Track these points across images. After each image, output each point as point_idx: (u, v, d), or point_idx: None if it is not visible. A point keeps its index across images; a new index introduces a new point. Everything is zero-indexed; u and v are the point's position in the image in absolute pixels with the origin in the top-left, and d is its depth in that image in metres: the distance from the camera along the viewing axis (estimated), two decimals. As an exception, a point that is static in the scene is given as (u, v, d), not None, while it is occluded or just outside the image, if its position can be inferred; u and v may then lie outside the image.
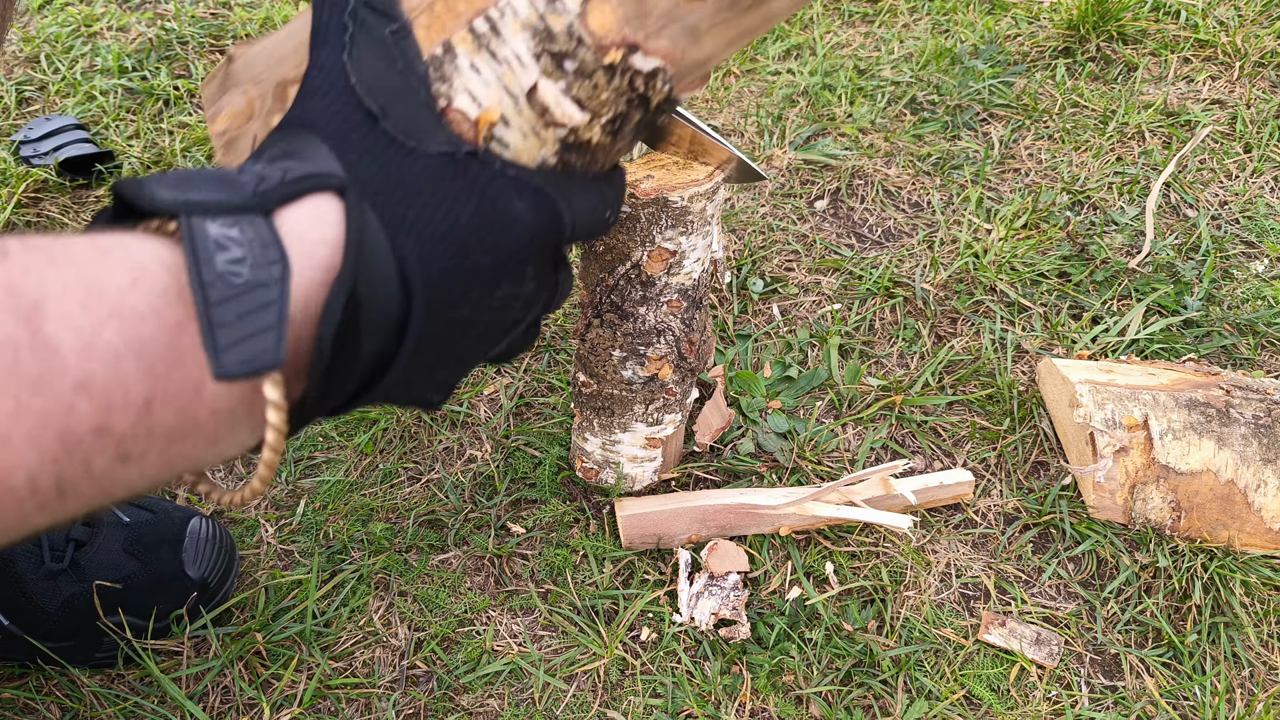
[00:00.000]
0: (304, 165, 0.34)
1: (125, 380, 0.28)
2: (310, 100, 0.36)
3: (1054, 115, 1.27)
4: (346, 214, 0.33)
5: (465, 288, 0.36)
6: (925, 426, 0.93)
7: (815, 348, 1.00)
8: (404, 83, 0.36)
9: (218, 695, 0.74)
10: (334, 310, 0.31)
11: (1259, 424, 0.82)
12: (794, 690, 0.74)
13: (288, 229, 0.32)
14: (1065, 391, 0.88)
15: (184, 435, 0.30)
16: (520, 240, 0.37)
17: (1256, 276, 1.07)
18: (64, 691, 0.73)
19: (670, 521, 0.80)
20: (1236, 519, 0.82)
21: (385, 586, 0.80)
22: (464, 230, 0.36)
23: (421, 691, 0.74)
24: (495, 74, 0.36)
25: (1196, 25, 1.38)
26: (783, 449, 0.89)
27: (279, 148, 0.36)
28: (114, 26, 1.41)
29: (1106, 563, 0.83)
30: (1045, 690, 0.75)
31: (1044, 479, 0.89)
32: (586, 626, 0.78)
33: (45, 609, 0.71)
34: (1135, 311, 1.01)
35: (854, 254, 1.10)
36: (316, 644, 0.76)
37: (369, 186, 0.35)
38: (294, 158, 0.35)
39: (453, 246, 0.35)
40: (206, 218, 0.30)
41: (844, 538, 0.83)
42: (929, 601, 0.80)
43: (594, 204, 0.41)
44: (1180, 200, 1.16)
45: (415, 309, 0.34)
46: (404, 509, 0.85)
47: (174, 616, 0.75)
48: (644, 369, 0.75)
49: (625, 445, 0.81)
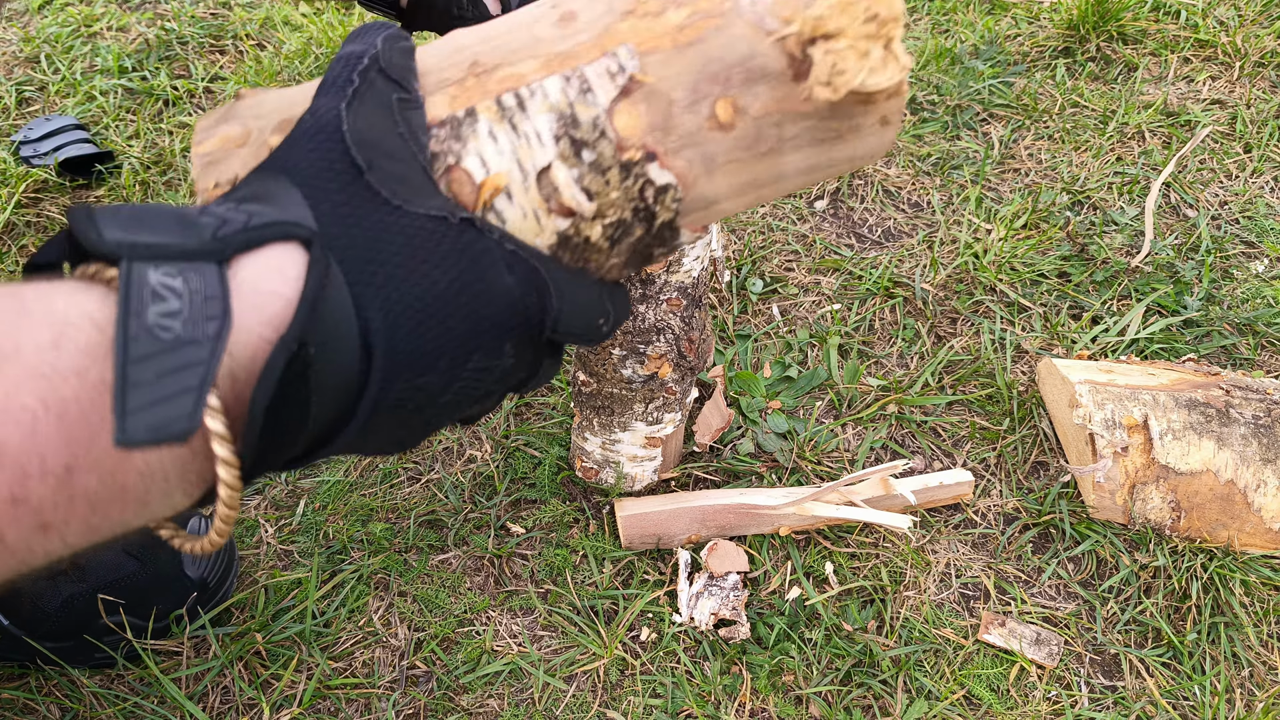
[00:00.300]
0: (271, 211, 0.32)
1: (42, 447, 0.26)
2: (296, 144, 0.34)
3: (1054, 115, 1.27)
4: (308, 268, 0.31)
5: (434, 356, 0.34)
6: (925, 426, 0.93)
7: (815, 348, 1.00)
8: (401, 143, 0.34)
9: (217, 695, 0.74)
10: (270, 372, 0.29)
11: (1259, 424, 0.82)
12: (794, 690, 0.74)
13: (241, 279, 0.30)
14: (1065, 391, 0.88)
15: (110, 500, 0.29)
16: (501, 314, 0.35)
17: (1256, 276, 1.07)
18: (64, 692, 0.73)
19: (670, 521, 0.80)
20: (1236, 519, 0.82)
21: (385, 587, 0.80)
22: (441, 296, 0.34)
23: (421, 691, 0.74)
24: (511, 145, 0.36)
25: (1196, 25, 1.38)
26: (782, 449, 0.89)
27: (250, 189, 0.34)
28: (114, 27, 1.41)
29: (1106, 563, 0.83)
30: (1045, 690, 0.75)
31: (1044, 479, 0.89)
32: (586, 627, 0.78)
33: (45, 609, 0.71)
34: (1135, 311, 1.01)
35: (854, 254, 1.10)
36: (316, 644, 0.76)
37: (339, 240, 0.32)
38: (263, 201, 0.32)
39: (425, 312, 0.33)
40: (151, 263, 0.28)
41: (844, 538, 0.83)
42: (929, 601, 0.80)
43: (588, 302, 0.39)
44: (1180, 200, 1.16)
45: (374, 375, 0.32)
46: (404, 509, 0.85)
47: (174, 616, 0.75)
48: (644, 367, 0.75)
49: (625, 445, 0.81)
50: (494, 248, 0.35)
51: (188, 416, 0.27)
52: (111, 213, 0.29)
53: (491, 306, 0.35)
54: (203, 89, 1.30)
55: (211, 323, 0.28)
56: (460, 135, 0.36)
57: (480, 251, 0.34)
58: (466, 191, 0.35)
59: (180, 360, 0.27)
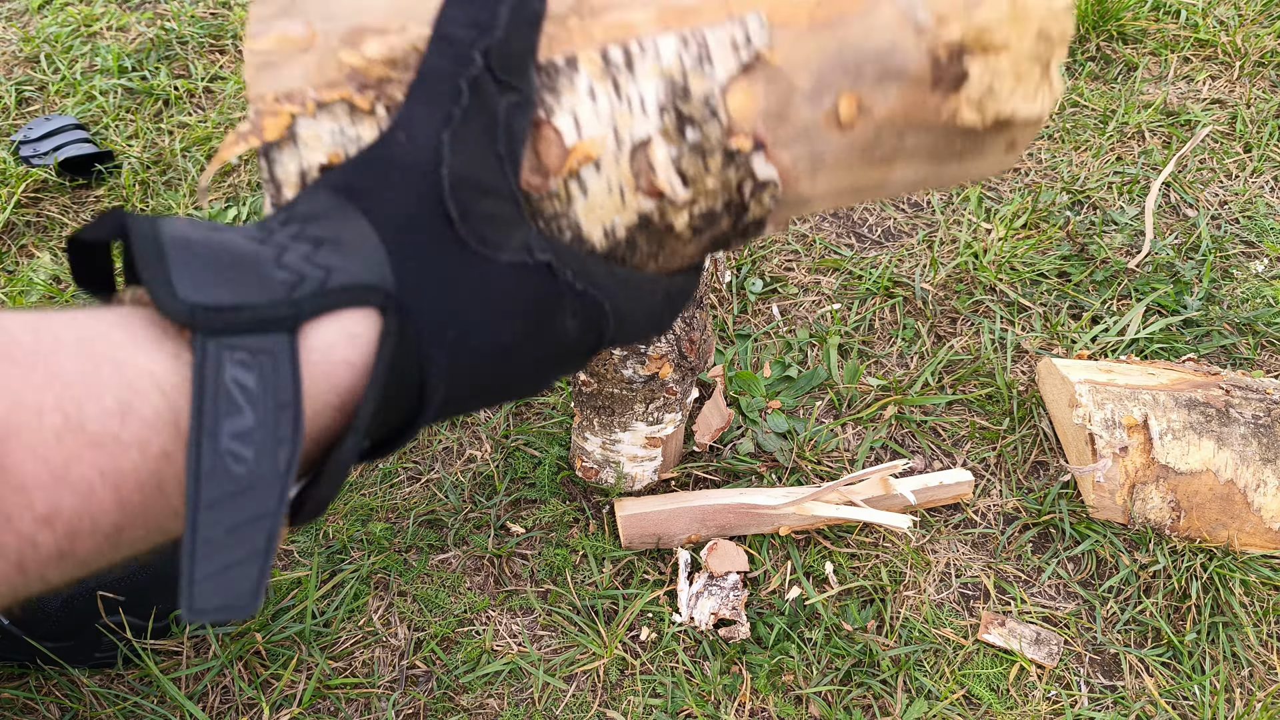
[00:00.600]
0: (349, 267, 0.29)
1: (96, 511, 0.26)
2: (383, 173, 0.31)
3: (1054, 114, 1.27)
4: (381, 341, 0.30)
5: (481, 395, 0.34)
6: (925, 426, 0.93)
7: (815, 347, 1.00)
8: (498, 172, 0.32)
9: (217, 695, 0.74)
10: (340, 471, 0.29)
11: (1258, 424, 0.82)
12: (793, 690, 0.74)
13: (312, 346, 0.29)
14: (1065, 391, 0.88)
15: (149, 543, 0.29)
16: (556, 353, 0.35)
17: (1256, 276, 1.07)
18: (64, 691, 0.73)
19: (670, 521, 0.80)
20: (1236, 519, 0.82)
21: (385, 586, 0.80)
22: (505, 349, 0.33)
23: (421, 691, 0.74)
24: (611, 109, 0.32)
25: (1196, 25, 1.37)
26: (782, 449, 0.89)
27: (324, 226, 0.30)
28: (114, 26, 1.41)
29: (1106, 562, 0.83)
30: (1045, 690, 0.75)
31: (1043, 479, 0.89)
32: (586, 626, 0.78)
33: (45, 609, 0.71)
34: (1135, 311, 1.01)
35: (853, 254, 1.10)
36: (316, 644, 0.76)
37: (418, 303, 0.31)
38: (340, 251, 0.30)
39: (485, 364, 0.33)
40: (226, 345, 0.27)
41: (844, 537, 0.83)
42: (929, 601, 0.80)
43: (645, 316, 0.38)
44: (1180, 200, 1.16)
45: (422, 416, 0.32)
46: (403, 509, 0.85)
47: (173, 616, 0.75)
48: (644, 367, 0.75)
49: (625, 444, 0.81)
50: (566, 293, 0.33)
51: (252, 594, 0.27)
52: (183, 252, 0.27)
53: (547, 350, 0.35)
54: (203, 89, 1.30)
55: (282, 449, 0.27)
56: (555, 87, 0.32)
57: (553, 301, 0.33)
58: (553, 154, 0.32)
59: (249, 511, 0.27)
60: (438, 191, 0.31)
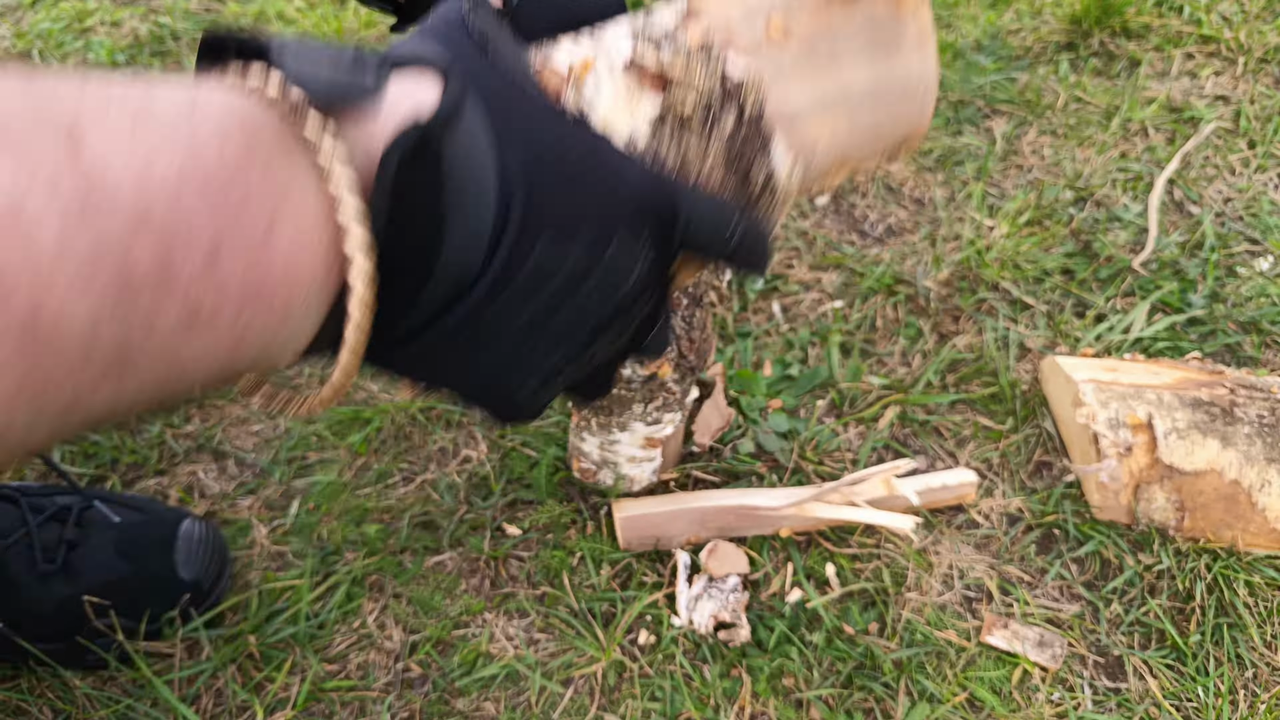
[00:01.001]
0: (411, 44, 0.33)
1: (188, 216, 0.23)
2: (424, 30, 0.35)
3: (1057, 111, 1.26)
4: (446, 81, 0.30)
5: (576, 219, 0.32)
6: (927, 426, 0.92)
7: (816, 346, 0.99)
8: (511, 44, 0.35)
9: (210, 698, 0.73)
10: (407, 137, 0.28)
11: (1264, 423, 0.81)
12: (794, 694, 0.74)
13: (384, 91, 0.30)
14: (1069, 390, 0.87)
15: (254, 296, 0.26)
16: (636, 192, 0.33)
17: (1261, 274, 1.06)
18: (56, 694, 0.72)
19: (669, 523, 0.80)
20: (1241, 519, 0.81)
21: (379, 589, 0.79)
22: (574, 159, 0.32)
23: (416, 695, 0.73)
24: (593, 45, 0.38)
25: (1200, 21, 1.36)
26: (783, 449, 0.88)
27: None
28: (107, 22, 1.40)
29: (1110, 564, 0.82)
30: (1048, 693, 0.74)
31: (1047, 479, 0.88)
32: (584, 629, 0.77)
33: (37, 611, 0.71)
34: (1139, 309, 1.00)
35: (855, 251, 1.09)
36: (310, 646, 0.75)
37: (476, 81, 0.32)
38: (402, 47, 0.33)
39: (564, 162, 0.32)
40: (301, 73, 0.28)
41: (845, 539, 0.82)
42: (931, 603, 0.79)
43: (713, 208, 0.35)
44: (1184, 197, 1.15)
45: (511, 220, 0.30)
46: (398, 510, 0.84)
47: (166, 618, 0.74)
48: (643, 367, 0.74)
49: (624, 445, 0.80)
50: (608, 141, 0.34)
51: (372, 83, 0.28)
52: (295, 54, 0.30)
53: (626, 185, 0.33)
54: (197, 84, 1.29)
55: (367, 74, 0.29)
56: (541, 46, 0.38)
57: (596, 138, 0.34)
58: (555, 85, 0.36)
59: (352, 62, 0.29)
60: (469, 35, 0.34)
